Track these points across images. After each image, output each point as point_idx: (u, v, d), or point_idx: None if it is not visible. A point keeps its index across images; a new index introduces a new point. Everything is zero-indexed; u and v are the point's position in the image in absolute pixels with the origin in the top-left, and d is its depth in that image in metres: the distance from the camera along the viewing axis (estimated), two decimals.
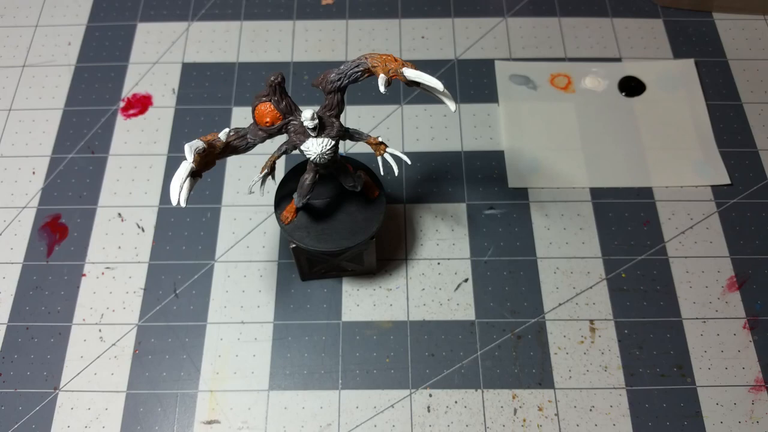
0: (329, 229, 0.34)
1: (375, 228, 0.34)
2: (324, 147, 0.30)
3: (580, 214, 0.41)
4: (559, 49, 0.47)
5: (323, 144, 0.30)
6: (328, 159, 0.30)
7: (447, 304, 0.38)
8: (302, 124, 0.29)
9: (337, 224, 0.34)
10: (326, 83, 0.30)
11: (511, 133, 0.43)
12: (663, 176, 0.42)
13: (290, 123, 0.30)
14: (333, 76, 0.29)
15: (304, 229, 0.34)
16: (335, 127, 0.30)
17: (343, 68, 0.29)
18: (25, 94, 0.46)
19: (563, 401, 0.35)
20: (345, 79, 0.29)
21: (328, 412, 0.35)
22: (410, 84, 0.30)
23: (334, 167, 0.32)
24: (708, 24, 0.48)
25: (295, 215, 0.34)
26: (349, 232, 0.34)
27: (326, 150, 0.30)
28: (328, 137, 0.30)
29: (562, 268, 0.39)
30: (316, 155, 0.30)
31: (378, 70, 0.29)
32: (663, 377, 0.36)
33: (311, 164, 0.31)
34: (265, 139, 0.30)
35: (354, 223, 0.34)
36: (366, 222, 0.34)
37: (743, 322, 0.37)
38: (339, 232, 0.34)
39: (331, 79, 0.29)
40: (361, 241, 0.33)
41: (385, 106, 0.45)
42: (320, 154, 0.30)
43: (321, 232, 0.34)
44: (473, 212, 0.41)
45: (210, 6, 0.49)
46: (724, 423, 0.35)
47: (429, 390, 0.36)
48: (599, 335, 0.37)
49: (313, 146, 0.30)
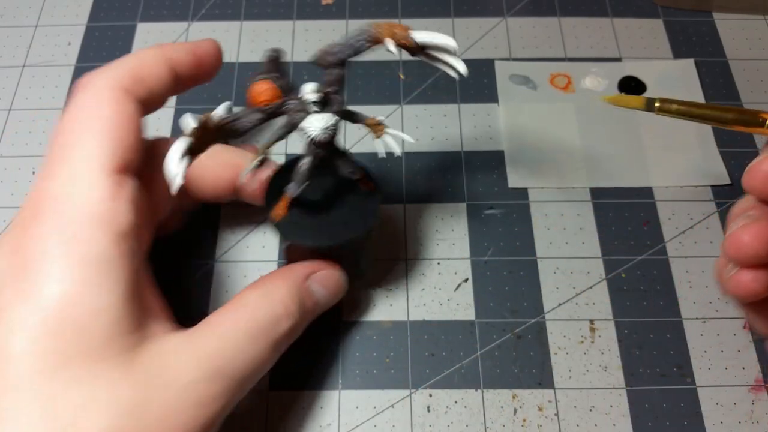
0: (324, 224, 0.32)
1: (372, 220, 0.32)
2: (328, 123, 0.28)
3: (580, 214, 0.41)
4: (559, 49, 0.47)
5: (326, 119, 0.28)
6: (331, 136, 0.29)
7: (447, 304, 0.38)
8: (302, 101, 0.28)
9: (332, 219, 0.32)
10: (327, 56, 0.28)
11: (511, 133, 0.43)
12: (663, 176, 0.42)
13: (289, 101, 0.28)
14: (335, 48, 0.28)
15: (297, 226, 0.32)
16: (337, 102, 0.29)
17: (345, 39, 0.28)
18: (25, 94, 0.46)
19: (563, 401, 0.35)
20: (348, 49, 0.28)
21: (328, 412, 0.35)
22: (416, 52, 0.28)
23: (333, 149, 0.30)
24: (708, 24, 0.48)
25: (286, 212, 0.32)
26: (345, 226, 0.32)
27: (329, 125, 0.28)
28: (331, 112, 0.28)
29: (562, 268, 0.39)
30: (319, 131, 0.28)
31: (384, 35, 0.27)
32: (663, 377, 0.36)
33: (310, 146, 0.30)
34: (263, 121, 0.29)
35: (350, 217, 0.32)
36: (362, 216, 0.32)
37: (743, 322, 0.37)
38: (334, 226, 0.32)
39: (332, 51, 0.28)
40: (359, 232, 0.32)
41: (385, 106, 0.45)
42: (324, 129, 0.28)
43: (315, 227, 0.32)
44: (473, 212, 0.41)
45: (210, 6, 0.49)
46: (724, 423, 0.35)
47: (429, 390, 0.36)
48: (599, 335, 0.37)
49: (315, 123, 0.28)
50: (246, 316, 0.28)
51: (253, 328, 0.28)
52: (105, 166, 0.26)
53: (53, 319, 0.24)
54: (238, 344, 0.27)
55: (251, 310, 0.28)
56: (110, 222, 0.26)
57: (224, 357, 0.26)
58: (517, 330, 0.37)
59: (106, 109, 0.27)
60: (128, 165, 0.27)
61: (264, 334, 0.28)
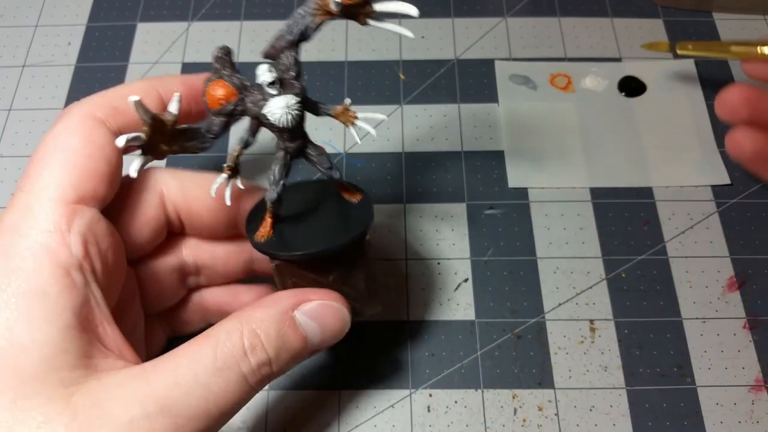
0: (312, 231, 0.29)
1: (366, 222, 0.29)
2: (289, 102, 0.26)
3: (580, 214, 0.41)
4: (559, 49, 0.47)
5: (286, 99, 0.26)
6: (297, 120, 0.27)
7: (447, 304, 0.38)
8: (260, 90, 0.26)
9: (320, 229, 0.29)
10: (275, 43, 0.27)
11: (511, 134, 0.43)
12: (663, 176, 0.42)
13: (246, 98, 0.27)
14: (281, 32, 0.26)
15: (282, 242, 0.29)
16: (296, 87, 0.27)
17: (288, 21, 0.27)
18: (25, 94, 0.46)
19: (563, 401, 0.35)
20: (294, 28, 0.26)
21: (328, 412, 0.35)
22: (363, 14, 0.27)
23: (303, 141, 0.28)
24: (708, 24, 0.48)
25: (271, 232, 0.29)
26: (335, 232, 0.29)
27: (292, 105, 0.26)
28: (291, 94, 0.27)
29: (562, 268, 0.39)
30: (282, 114, 0.26)
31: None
32: (663, 377, 0.36)
33: (279, 142, 0.28)
34: (224, 127, 0.27)
35: (339, 224, 0.30)
36: (354, 221, 0.30)
37: (743, 322, 0.37)
38: (323, 234, 0.29)
39: (279, 36, 0.27)
40: (353, 236, 0.29)
41: (384, 106, 0.45)
42: (286, 110, 0.26)
43: (302, 239, 0.29)
44: (473, 212, 0.41)
45: (210, 6, 0.49)
46: (724, 423, 0.35)
47: (429, 390, 0.36)
48: (599, 335, 0.37)
49: (276, 105, 0.26)
50: (209, 348, 0.25)
51: (217, 361, 0.25)
52: (60, 197, 0.26)
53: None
54: (197, 378, 0.24)
55: (216, 341, 0.25)
56: (54, 254, 0.25)
57: (176, 393, 0.24)
58: (517, 330, 0.37)
59: (75, 137, 0.27)
60: (90, 195, 0.27)
61: (228, 367, 0.25)
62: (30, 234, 0.25)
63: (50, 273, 0.25)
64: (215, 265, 0.33)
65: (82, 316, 0.25)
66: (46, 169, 0.27)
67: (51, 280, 0.25)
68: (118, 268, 0.28)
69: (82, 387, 0.24)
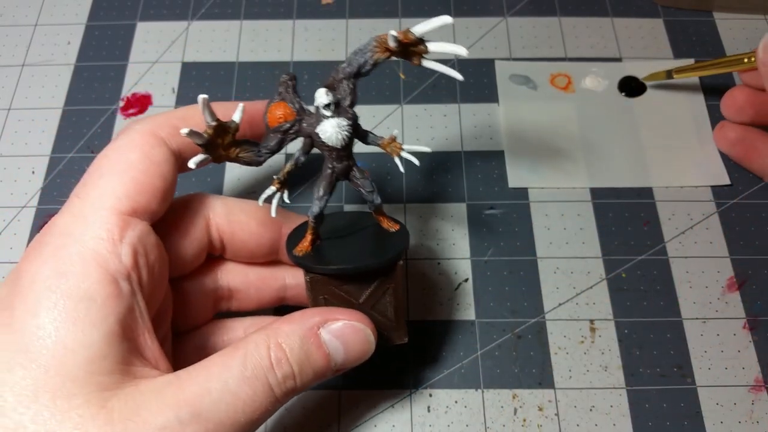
0: (348, 253, 0.31)
1: (402, 247, 0.31)
2: (340, 123, 0.28)
3: (580, 214, 0.41)
4: (559, 49, 0.47)
5: (339, 123, 0.28)
6: (346, 141, 0.29)
7: (447, 304, 0.38)
8: (316, 114, 0.28)
9: (357, 249, 0.31)
10: (335, 74, 0.29)
11: (511, 133, 0.43)
12: (663, 176, 0.42)
13: (303, 119, 0.29)
14: (342, 65, 0.29)
15: (319, 257, 0.30)
16: (349, 113, 0.29)
17: (349, 55, 0.29)
18: (24, 93, 0.46)
19: (563, 401, 0.35)
20: (354, 62, 0.28)
21: (328, 412, 0.35)
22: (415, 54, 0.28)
23: (349, 163, 0.30)
24: (708, 24, 0.48)
25: (309, 248, 0.31)
26: (371, 253, 0.31)
27: (343, 127, 0.28)
28: (344, 118, 0.29)
29: (562, 268, 0.39)
30: (333, 134, 0.28)
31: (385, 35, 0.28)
32: (663, 377, 0.36)
33: (327, 161, 0.30)
34: (279, 144, 0.29)
35: (375, 247, 0.31)
36: (390, 246, 0.31)
37: (743, 322, 0.37)
38: (359, 254, 0.31)
39: (338, 68, 0.29)
40: (388, 258, 0.30)
41: (384, 106, 0.45)
42: (338, 130, 0.28)
43: (339, 256, 0.30)
44: (473, 212, 0.41)
45: (210, 5, 0.49)
46: (724, 423, 0.35)
47: (429, 390, 0.36)
48: (599, 335, 0.37)
49: (329, 125, 0.28)
50: (238, 359, 0.26)
51: (246, 370, 0.26)
52: (114, 207, 0.27)
53: (28, 351, 0.24)
54: (226, 386, 0.25)
55: (245, 352, 0.26)
56: (104, 261, 0.26)
57: (207, 399, 0.25)
58: (517, 330, 0.37)
59: (134, 152, 0.28)
60: (143, 209, 0.28)
61: (256, 377, 0.26)
62: (82, 239, 0.26)
63: (98, 279, 0.25)
64: (248, 290, 0.34)
65: (125, 324, 0.26)
66: (103, 180, 0.28)
67: (98, 286, 0.25)
68: (161, 282, 0.29)
69: (119, 392, 0.24)
